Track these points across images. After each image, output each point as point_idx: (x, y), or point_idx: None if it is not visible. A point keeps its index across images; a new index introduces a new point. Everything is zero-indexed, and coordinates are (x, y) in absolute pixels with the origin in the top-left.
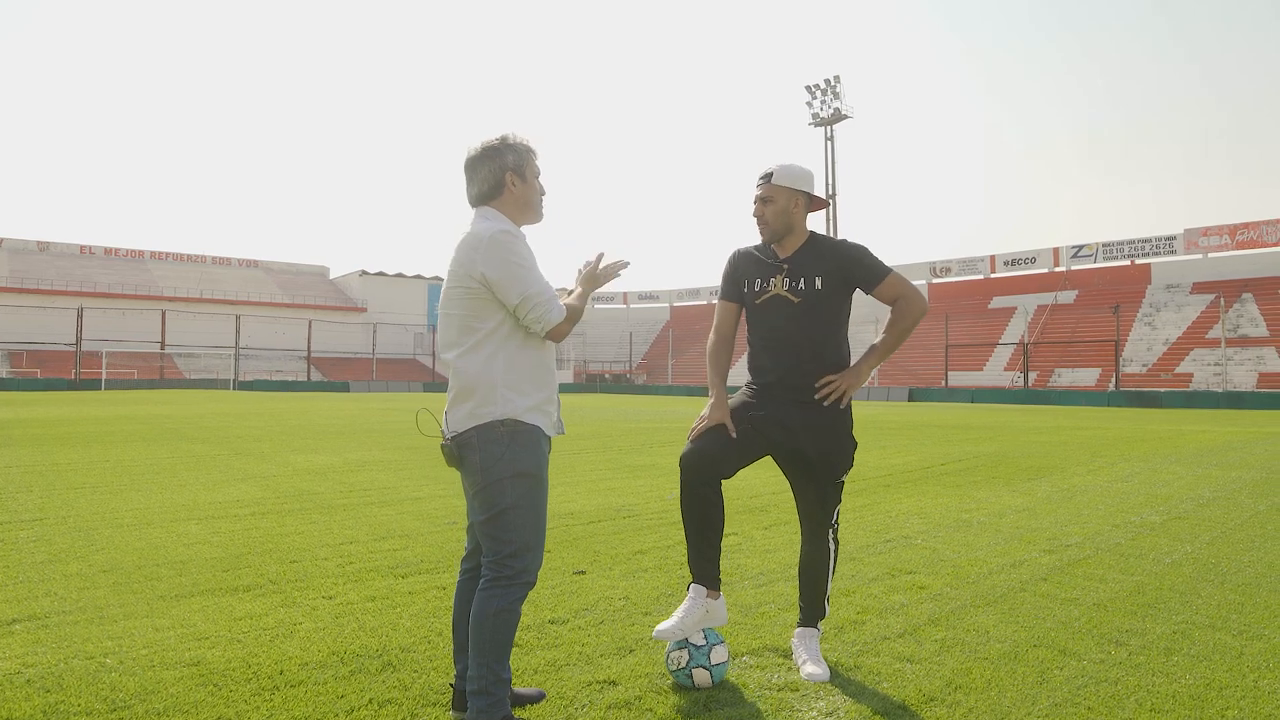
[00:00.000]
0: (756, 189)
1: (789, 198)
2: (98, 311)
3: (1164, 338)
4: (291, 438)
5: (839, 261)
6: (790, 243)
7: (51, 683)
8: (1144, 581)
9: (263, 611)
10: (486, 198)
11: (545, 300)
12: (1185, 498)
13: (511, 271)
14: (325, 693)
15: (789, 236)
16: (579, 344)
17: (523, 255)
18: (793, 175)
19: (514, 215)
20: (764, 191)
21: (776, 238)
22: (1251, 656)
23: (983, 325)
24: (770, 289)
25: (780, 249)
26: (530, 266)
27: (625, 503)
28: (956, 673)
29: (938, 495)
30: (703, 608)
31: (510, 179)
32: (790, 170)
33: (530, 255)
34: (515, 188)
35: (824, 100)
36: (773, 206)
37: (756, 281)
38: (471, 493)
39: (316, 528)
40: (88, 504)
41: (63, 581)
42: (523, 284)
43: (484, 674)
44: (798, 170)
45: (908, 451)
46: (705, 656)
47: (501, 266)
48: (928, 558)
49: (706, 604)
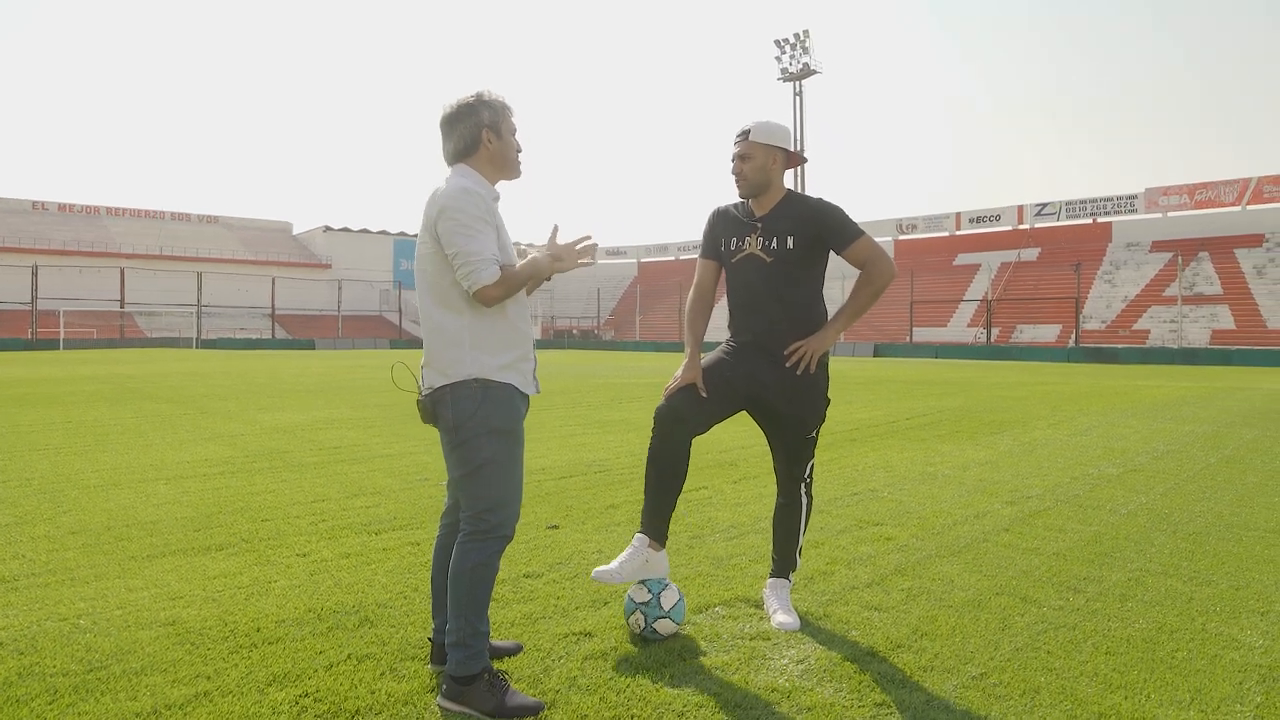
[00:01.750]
0: (734, 146)
1: (766, 154)
2: (53, 269)
3: (1123, 295)
4: (258, 396)
5: (812, 221)
6: (766, 200)
7: (25, 645)
8: (1101, 531)
9: (237, 570)
10: (462, 155)
11: (476, 260)
12: (1141, 451)
13: (452, 229)
14: (303, 649)
15: (766, 194)
16: (546, 300)
17: (469, 213)
18: (770, 132)
19: (489, 173)
20: (742, 149)
21: (753, 193)
22: (1200, 601)
23: (947, 282)
24: (745, 248)
25: (757, 206)
26: (472, 225)
27: (596, 458)
28: (922, 620)
29: (903, 449)
30: (643, 556)
31: (486, 135)
32: (768, 127)
33: (481, 214)
34: (491, 144)
35: (793, 55)
36: (751, 163)
37: (732, 240)
38: (448, 449)
39: (287, 486)
40: (51, 466)
41: (30, 544)
42: (458, 241)
43: (462, 627)
44: (775, 127)
45: (873, 406)
46: (658, 607)
47: (447, 223)
48: (894, 510)
49: (647, 554)
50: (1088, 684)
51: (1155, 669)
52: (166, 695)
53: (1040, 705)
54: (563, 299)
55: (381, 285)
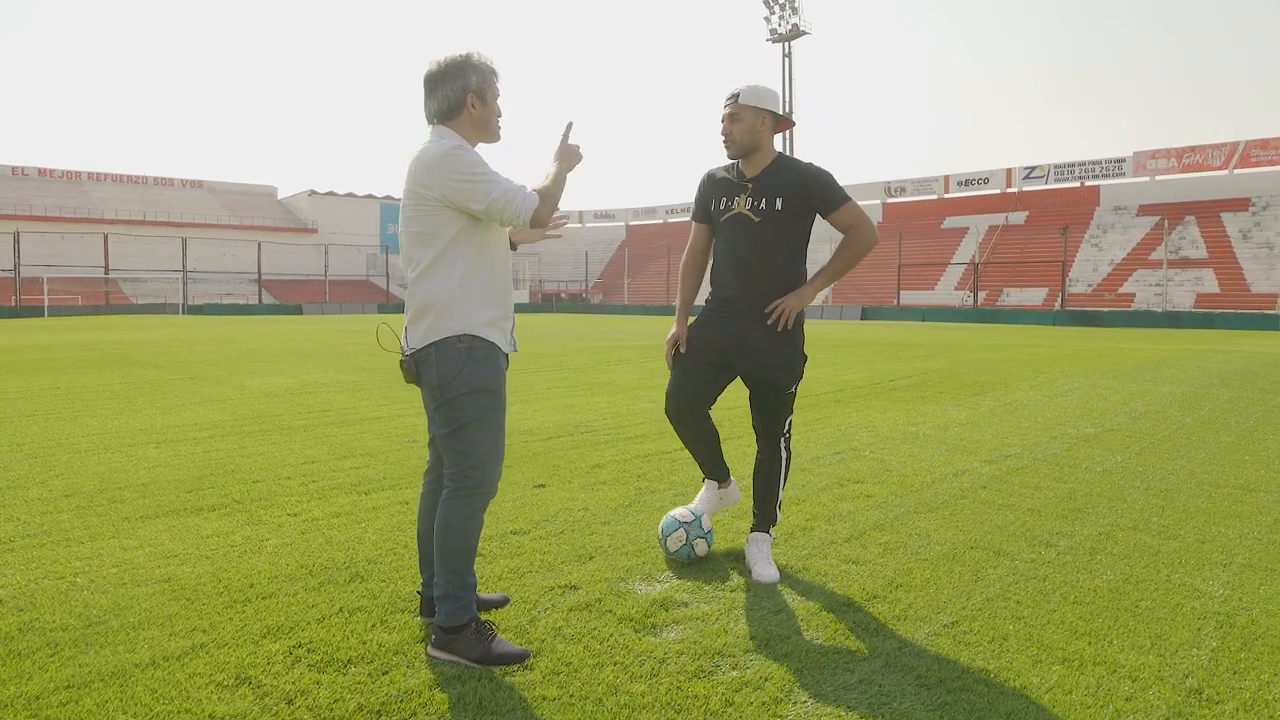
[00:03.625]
0: (724, 108)
1: (755, 116)
2: (35, 235)
3: (1109, 259)
4: (246, 361)
5: (801, 184)
6: (757, 161)
7: (24, 601)
8: (1075, 488)
9: (229, 530)
10: (445, 116)
11: (512, 195)
12: (1119, 411)
13: (470, 184)
14: (296, 603)
15: (755, 155)
16: (534, 263)
17: (475, 165)
18: (759, 95)
19: (470, 136)
20: (731, 109)
21: (741, 154)
22: (1167, 554)
23: (935, 245)
24: (734, 208)
25: (747, 168)
26: (486, 172)
27: (583, 419)
28: (898, 573)
29: (886, 410)
30: (717, 495)
31: (471, 100)
32: (757, 90)
33: (482, 162)
34: (475, 109)
35: (782, 15)
36: (740, 125)
37: (722, 200)
38: (431, 408)
39: (277, 448)
40: (41, 430)
41: (24, 506)
42: (484, 189)
43: (450, 579)
44: (764, 90)
45: (858, 368)
46: (699, 527)
47: (459, 181)
48: (875, 468)
49: (719, 492)
50: (1054, 631)
51: (1119, 617)
52: (164, 647)
53: (1008, 651)
54: (550, 263)
55: (368, 249)
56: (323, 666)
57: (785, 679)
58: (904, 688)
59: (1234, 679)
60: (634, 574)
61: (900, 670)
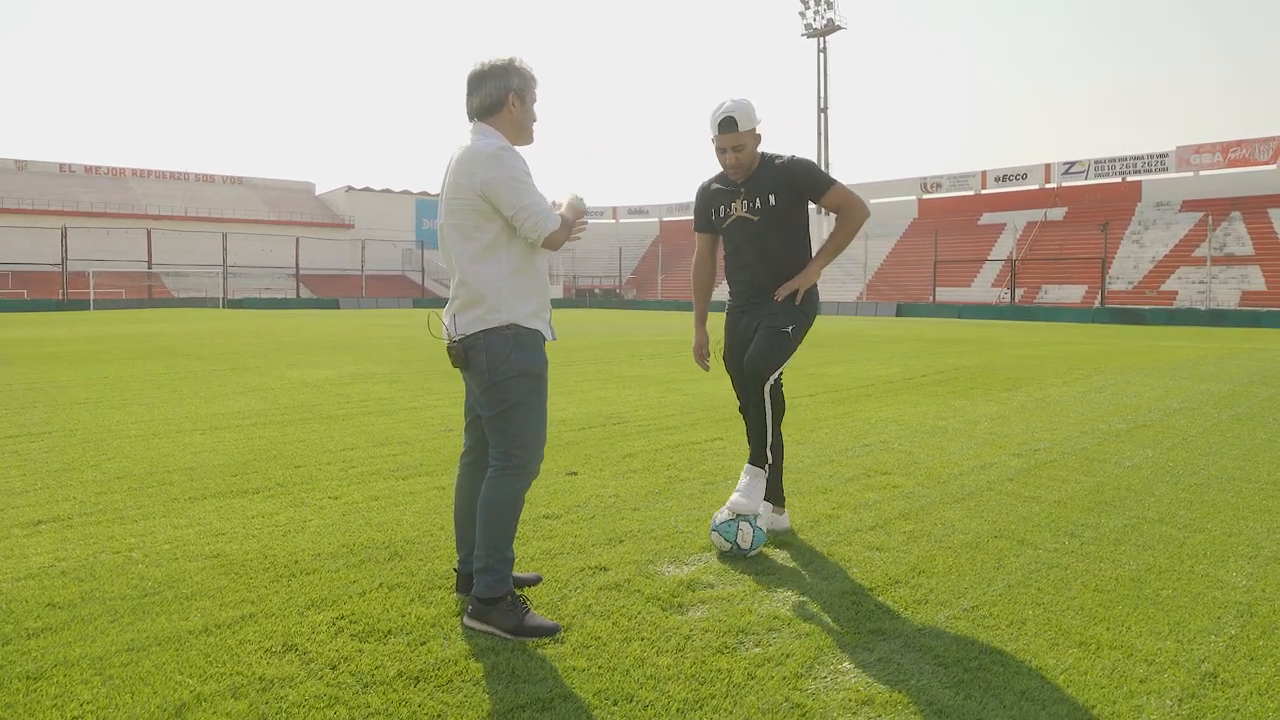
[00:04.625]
0: (722, 139)
1: (754, 138)
2: (82, 231)
3: (1151, 255)
4: (286, 353)
5: (788, 176)
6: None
7: (85, 573)
8: (1103, 482)
9: (274, 511)
10: (486, 112)
11: (540, 211)
12: (1153, 408)
13: (509, 185)
14: (338, 579)
15: None
16: (568, 259)
17: (520, 170)
18: (750, 115)
19: (509, 134)
20: (735, 141)
21: (749, 175)
22: (1192, 546)
23: (972, 241)
24: (733, 213)
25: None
26: (526, 180)
27: (615, 410)
28: (921, 559)
29: (917, 404)
30: (769, 517)
31: (512, 99)
32: (748, 111)
33: (527, 170)
34: (514, 109)
35: (817, 10)
36: (744, 152)
37: (720, 208)
38: (479, 391)
39: (318, 436)
40: (92, 417)
41: (80, 487)
42: (519, 195)
43: (491, 553)
44: (750, 107)
45: (890, 364)
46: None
47: (501, 180)
48: (902, 460)
49: (771, 515)
50: (1073, 617)
51: (1139, 605)
52: (216, 616)
53: (1025, 635)
54: (584, 258)
55: (404, 244)
56: (364, 636)
57: (806, 655)
58: (922, 666)
59: (1250, 665)
60: (662, 557)
61: (919, 650)
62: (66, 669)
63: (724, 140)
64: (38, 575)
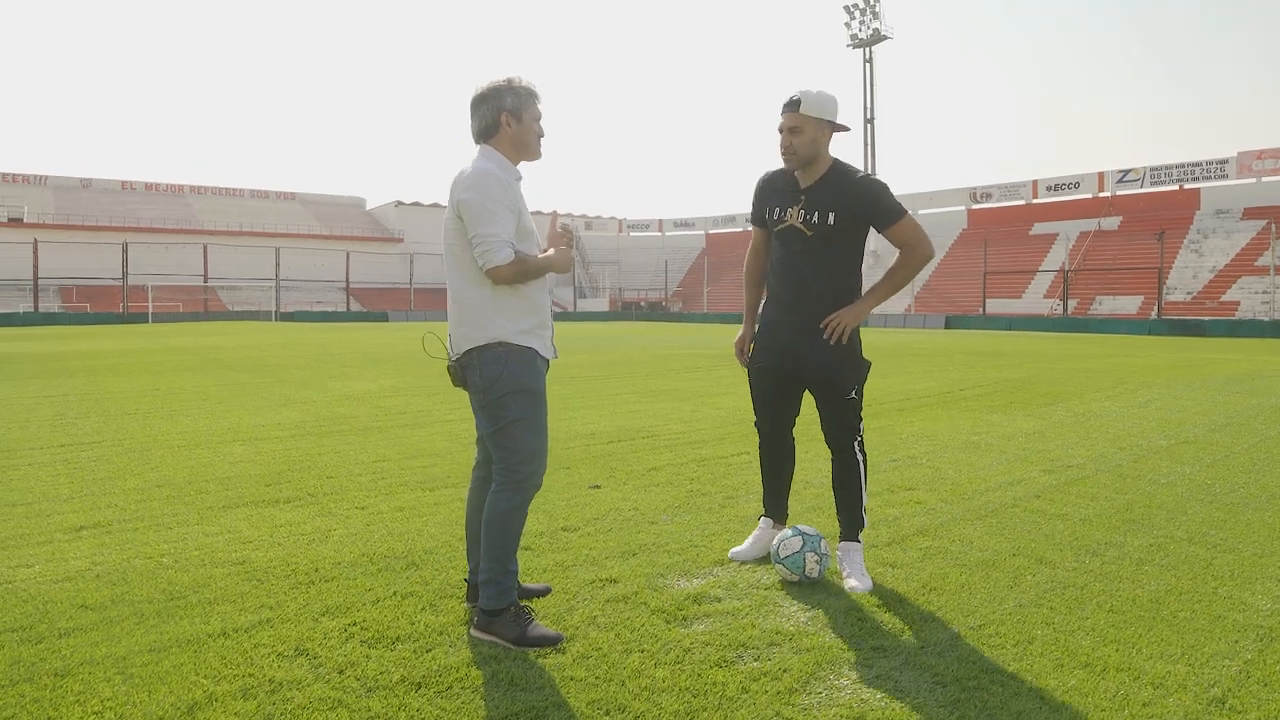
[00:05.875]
0: (783, 117)
1: (817, 127)
2: (142, 246)
3: (1210, 265)
4: (331, 366)
5: (855, 198)
6: (813, 171)
7: (117, 577)
8: (1134, 500)
9: (301, 520)
10: (485, 135)
11: (494, 242)
12: (1198, 423)
13: (478, 209)
14: (354, 587)
15: (813, 164)
16: (614, 271)
17: (494, 196)
18: (821, 104)
19: (510, 154)
20: (792, 121)
21: (802, 166)
22: (1219, 567)
23: (1023, 252)
24: (787, 219)
25: (802, 176)
26: (493, 209)
27: (646, 424)
28: (933, 576)
29: (951, 419)
30: (769, 535)
31: (506, 119)
32: (819, 99)
33: (501, 197)
34: (510, 128)
35: (863, 20)
36: (801, 137)
37: (776, 210)
38: (477, 407)
39: (352, 447)
40: (141, 428)
41: (122, 495)
42: (481, 221)
43: (494, 566)
44: (826, 98)
45: (928, 377)
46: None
47: (473, 202)
48: (929, 475)
49: (772, 532)
50: (1083, 638)
51: (1154, 626)
52: (234, 620)
53: (1031, 654)
54: (630, 271)
55: None
56: (373, 642)
57: (803, 671)
58: (920, 684)
59: (1263, 690)
60: (674, 570)
61: (919, 668)
62: (91, 667)
63: (784, 119)
64: (74, 578)
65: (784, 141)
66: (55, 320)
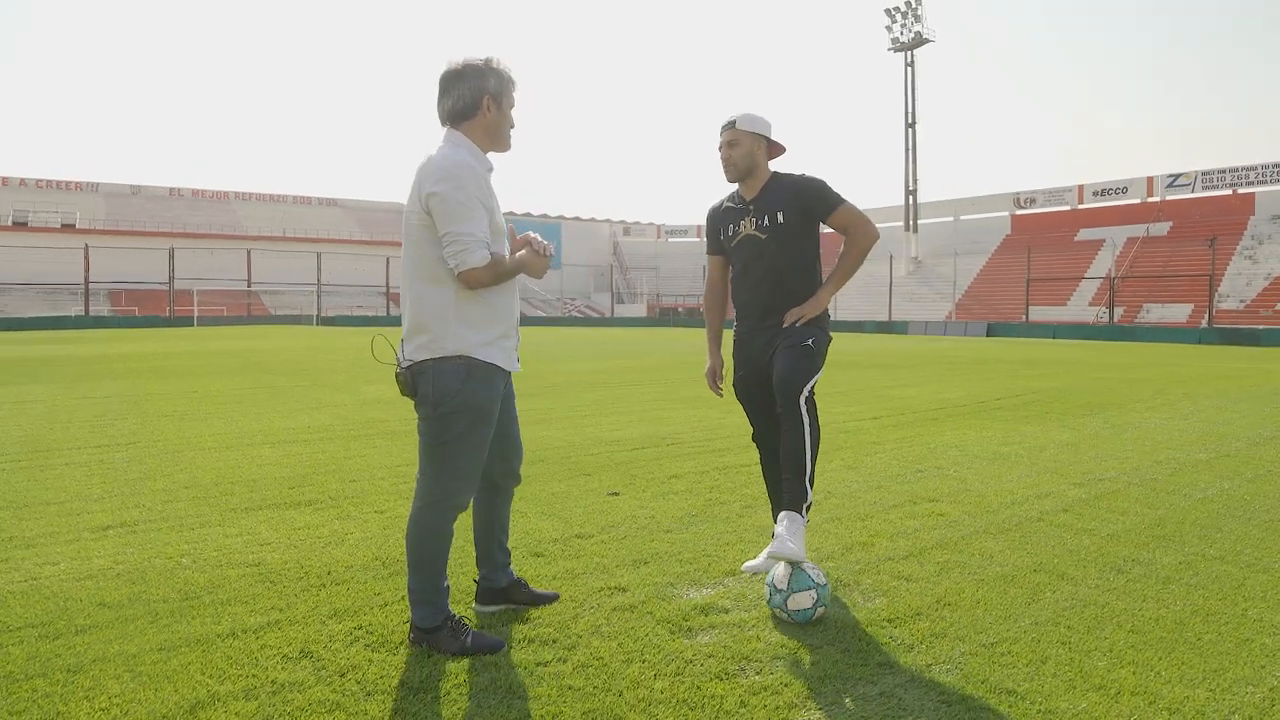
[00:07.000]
0: (721, 135)
1: (752, 141)
2: (188, 251)
3: (1265, 272)
4: (366, 369)
5: (798, 193)
6: (754, 184)
7: (136, 576)
8: (1166, 515)
9: (320, 523)
10: (459, 117)
11: (468, 241)
12: (1241, 436)
13: (451, 204)
14: (364, 590)
15: (752, 177)
16: (651, 278)
17: (469, 192)
18: (754, 122)
19: (482, 141)
20: (730, 136)
21: (740, 177)
22: (1251, 587)
23: (1068, 258)
24: (741, 230)
25: (746, 191)
26: (467, 204)
27: (671, 431)
28: (949, 591)
29: (982, 429)
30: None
31: (487, 103)
32: (752, 117)
33: (476, 192)
34: (490, 113)
35: (904, 24)
36: (738, 149)
37: (730, 227)
38: (420, 419)
39: (378, 451)
40: (176, 429)
41: (150, 496)
42: (455, 219)
43: (424, 585)
44: (758, 118)
45: (963, 386)
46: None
47: (445, 196)
48: (954, 487)
49: None
50: (1099, 659)
51: (1175, 648)
52: (244, 621)
53: (1043, 674)
54: (668, 277)
55: None
56: (377, 646)
57: (804, 687)
58: (924, 703)
59: None
60: (683, 579)
61: (924, 686)
62: (103, 664)
63: (723, 136)
64: (95, 576)
65: (723, 155)
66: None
